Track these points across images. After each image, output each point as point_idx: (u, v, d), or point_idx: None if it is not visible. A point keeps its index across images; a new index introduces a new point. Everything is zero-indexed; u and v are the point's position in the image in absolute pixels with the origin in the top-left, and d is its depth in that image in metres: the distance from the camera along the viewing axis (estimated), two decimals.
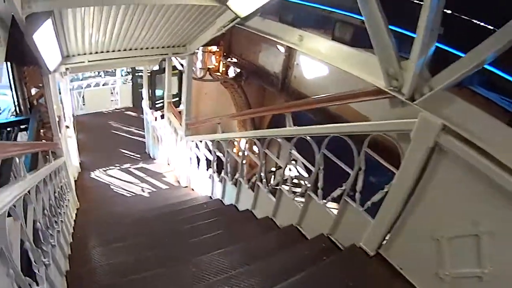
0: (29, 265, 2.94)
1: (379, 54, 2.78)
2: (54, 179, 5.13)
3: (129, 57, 6.88)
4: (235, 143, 7.87)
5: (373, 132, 3.34)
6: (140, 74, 15.21)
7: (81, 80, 16.66)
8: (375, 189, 3.42)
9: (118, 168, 10.90)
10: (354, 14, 4.90)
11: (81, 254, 4.97)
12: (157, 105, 12.20)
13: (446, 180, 2.68)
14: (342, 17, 5.10)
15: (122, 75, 17.11)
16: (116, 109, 16.87)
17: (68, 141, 8.99)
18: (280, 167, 6.08)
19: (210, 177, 7.39)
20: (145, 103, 11.67)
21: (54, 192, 4.96)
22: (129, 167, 10.67)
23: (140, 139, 13.72)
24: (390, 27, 2.63)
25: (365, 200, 3.62)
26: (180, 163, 9.02)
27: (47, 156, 5.22)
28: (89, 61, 6.41)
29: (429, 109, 2.60)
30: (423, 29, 2.35)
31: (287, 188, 4.94)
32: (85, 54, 6.38)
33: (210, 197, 7.44)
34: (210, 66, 10.01)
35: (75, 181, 9.09)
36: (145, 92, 11.55)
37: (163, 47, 7.05)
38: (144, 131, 12.82)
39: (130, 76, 16.99)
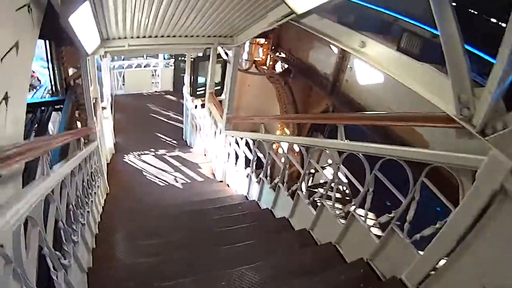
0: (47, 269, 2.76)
1: (452, 76, 2.42)
2: (84, 167, 4.91)
3: (172, 44, 6.54)
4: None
5: (436, 162, 2.94)
6: (183, 58, 14.99)
7: (123, 60, 16.48)
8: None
9: (153, 154, 10.64)
10: (424, 25, 4.37)
11: (105, 249, 4.77)
12: (198, 93, 11.91)
13: (507, 227, 2.33)
14: (410, 26, 4.56)
15: (164, 58, 16.98)
16: (156, 92, 16.84)
17: (104, 123, 8.84)
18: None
19: (247, 176, 7.04)
20: (186, 90, 11.32)
21: (83, 182, 4.75)
22: (164, 154, 10.39)
23: (178, 124, 13.48)
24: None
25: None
26: (217, 156, 8.65)
27: (79, 143, 4.91)
28: (129, 45, 6.09)
29: (501, 148, 2.22)
30: (506, 55, 1.95)
31: (329, 203, 4.56)
32: (125, 38, 6.07)
33: (246, 197, 7.09)
34: (256, 59, 9.60)
35: (107, 163, 8.95)
36: (186, 79, 11.20)
37: (208, 36, 6.68)
38: (182, 117, 12.52)
39: (172, 60, 16.77)
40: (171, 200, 7.19)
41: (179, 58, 16.05)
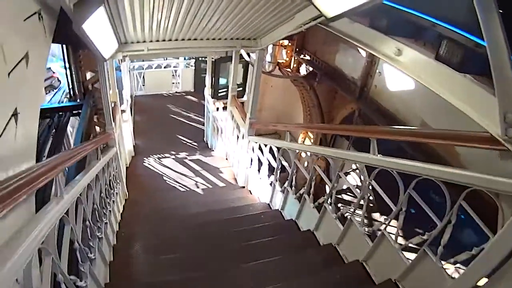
0: None
1: (498, 92, 2.14)
2: (102, 177, 4.80)
3: (192, 47, 6.30)
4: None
5: (476, 186, 2.63)
6: (204, 59, 14.77)
7: (143, 60, 16.41)
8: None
9: (173, 157, 10.49)
10: (467, 33, 4.01)
11: (123, 262, 4.65)
12: (219, 94, 11.71)
13: None
14: (450, 33, 4.20)
15: (185, 59, 16.79)
16: (176, 92, 16.76)
17: (123, 126, 8.67)
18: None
19: (271, 184, 6.78)
20: (207, 91, 11.16)
21: (100, 193, 4.65)
22: (185, 158, 10.20)
23: (199, 126, 13.42)
24: None
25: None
26: (240, 161, 8.40)
27: (97, 152, 4.71)
28: (149, 49, 5.84)
29: None
30: None
31: (358, 219, 4.35)
32: (144, 41, 5.83)
33: (269, 205, 6.84)
34: (280, 61, 9.31)
35: (126, 167, 8.81)
36: (208, 80, 11.06)
37: (231, 39, 6.40)
38: (203, 118, 12.37)
39: (193, 60, 16.58)
40: (192, 208, 6.94)
41: (200, 59, 15.84)
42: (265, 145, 6.85)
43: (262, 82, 11.87)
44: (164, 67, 16.39)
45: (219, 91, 11.91)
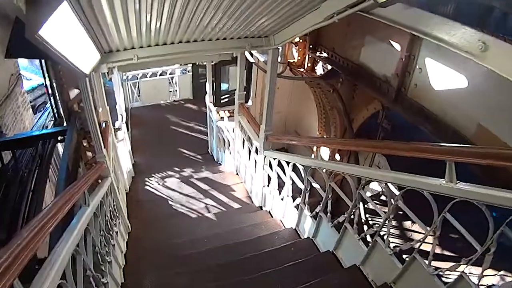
0: None
1: None
2: (95, 227, 3.92)
3: (192, 51, 5.16)
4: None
5: None
6: (202, 63, 14.02)
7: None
8: None
9: (178, 176, 9.52)
10: None
11: None
12: (222, 101, 10.82)
13: None
14: None
15: (181, 64, 15.77)
16: (174, 101, 15.97)
17: (119, 146, 7.76)
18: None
19: (297, 207, 5.82)
20: (208, 99, 10.21)
21: (94, 248, 3.74)
22: (191, 177, 9.13)
23: (202, 136, 12.61)
24: None
25: None
26: (254, 178, 7.43)
27: (84, 197, 3.70)
28: (139, 58, 4.73)
29: None
30: None
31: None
32: (133, 48, 4.73)
33: (296, 230, 5.88)
34: (291, 60, 8.24)
35: (126, 193, 7.84)
36: (208, 86, 10.10)
37: (238, 38, 5.32)
38: (206, 128, 11.44)
39: (190, 66, 15.72)
40: (205, 240, 5.89)
41: (198, 63, 15.03)
42: (288, 163, 5.86)
43: (266, 84, 10.93)
44: (160, 75, 15.46)
45: (222, 97, 11.03)
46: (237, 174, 8.73)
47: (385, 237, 3.98)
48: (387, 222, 3.91)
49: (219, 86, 10.88)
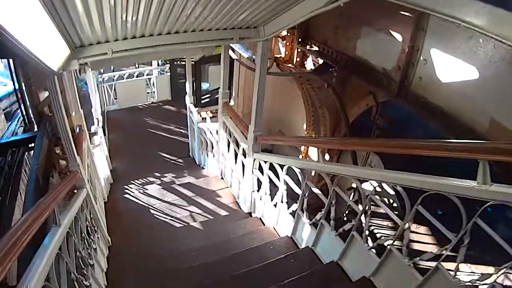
0: None
1: None
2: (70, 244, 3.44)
3: (173, 44, 4.61)
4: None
5: None
6: (180, 62, 13.93)
7: (112, 71, 15.01)
8: None
9: (159, 182, 8.99)
10: None
11: None
12: (203, 101, 10.31)
13: None
14: None
15: (158, 64, 15.56)
16: (153, 103, 15.44)
17: (96, 152, 7.25)
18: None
19: (292, 214, 5.37)
20: (189, 99, 9.66)
21: (69, 274, 3.28)
22: (173, 183, 8.57)
23: (182, 139, 12.14)
24: None
25: None
26: (241, 182, 6.94)
27: (54, 216, 3.17)
28: (114, 52, 4.17)
29: None
30: None
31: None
32: (107, 42, 4.17)
33: (292, 239, 5.40)
34: (278, 55, 7.75)
35: (105, 203, 7.26)
36: (188, 86, 9.55)
37: (225, 29, 4.82)
38: (186, 130, 10.96)
39: (168, 66, 15.26)
40: (192, 253, 5.38)
41: (176, 62, 14.66)
42: (282, 167, 5.39)
43: (250, 82, 10.42)
44: (137, 76, 14.85)
45: (202, 98, 10.54)
46: (222, 178, 8.19)
47: (403, 248, 3.51)
48: (405, 228, 3.47)
49: (200, 86, 10.34)
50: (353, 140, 5.23)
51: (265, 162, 5.80)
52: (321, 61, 6.94)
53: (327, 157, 8.16)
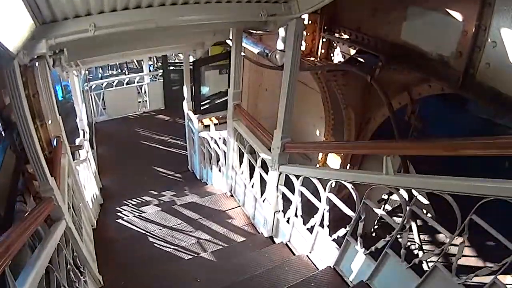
0: None
1: None
2: None
3: (178, 20, 3.47)
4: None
5: None
6: (174, 68, 13.63)
7: (100, 78, 14.42)
8: None
9: (157, 203, 7.77)
10: None
11: None
12: (203, 107, 9.19)
13: None
14: None
15: (150, 70, 14.68)
16: (144, 112, 14.47)
17: (80, 168, 6.25)
18: None
19: (335, 240, 4.27)
20: (187, 106, 8.76)
21: None
22: (174, 203, 7.30)
23: (179, 151, 11.26)
24: None
25: None
26: (260, 201, 5.74)
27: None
28: (98, 28, 2.99)
29: None
30: None
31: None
32: (89, 14, 3.00)
33: (335, 269, 4.27)
34: None
35: (93, 229, 6.05)
36: (186, 91, 8.69)
37: (248, 2, 3.65)
38: (183, 141, 10.54)
39: (160, 71, 14.44)
40: None
41: (168, 68, 13.87)
42: (321, 181, 4.23)
43: (254, 82, 9.28)
44: (127, 84, 13.88)
45: (202, 103, 9.41)
46: (231, 195, 6.95)
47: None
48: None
49: (199, 90, 9.22)
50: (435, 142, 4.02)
51: (296, 177, 4.60)
52: (352, 52, 5.83)
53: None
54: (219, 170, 7.56)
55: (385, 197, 6.28)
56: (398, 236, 3.34)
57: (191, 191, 8.23)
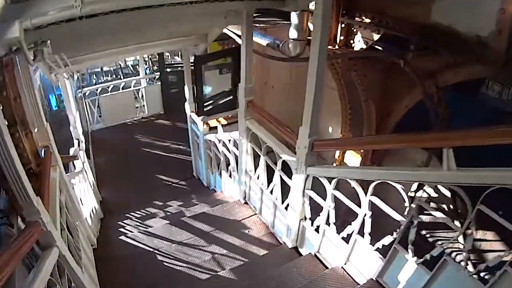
0: None
1: None
2: None
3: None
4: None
5: None
6: (172, 70, 13.09)
7: (94, 84, 13.70)
8: None
9: (163, 216, 7.15)
10: None
11: None
12: (206, 108, 8.66)
13: None
14: None
15: (146, 73, 14.04)
16: (143, 118, 13.85)
17: (76, 182, 5.72)
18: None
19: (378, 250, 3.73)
20: (189, 107, 8.20)
21: None
22: (182, 215, 6.66)
23: (183, 157, 10.73)
24: None
25: None
26: (281, 208, 5.15)
27: None
28: (85, 4, 2.37)
29: None
30: None
31: None
32: None
33: (378, 282, 3.76)
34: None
35: (94, 249, 5.40)
36: (188, 91, 8.11)
37: None
38: (187, 146, 9.97)
39: (158, 74, 13.88)
40: None
41: (166, 70, 13.39)
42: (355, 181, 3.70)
43: (259, 80, 8.67)
44: (123, 88, 13.22)
45: (205, 103, 8.88)
46: (245, 203, 6.34)
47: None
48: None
49: (202, 90, 8.70)
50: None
51: (329, 180, 3.99)
52: (376, 37, 5.31)
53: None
54: (230, 176, 7.00)
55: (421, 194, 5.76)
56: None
57: (200, 200, 7.69)
